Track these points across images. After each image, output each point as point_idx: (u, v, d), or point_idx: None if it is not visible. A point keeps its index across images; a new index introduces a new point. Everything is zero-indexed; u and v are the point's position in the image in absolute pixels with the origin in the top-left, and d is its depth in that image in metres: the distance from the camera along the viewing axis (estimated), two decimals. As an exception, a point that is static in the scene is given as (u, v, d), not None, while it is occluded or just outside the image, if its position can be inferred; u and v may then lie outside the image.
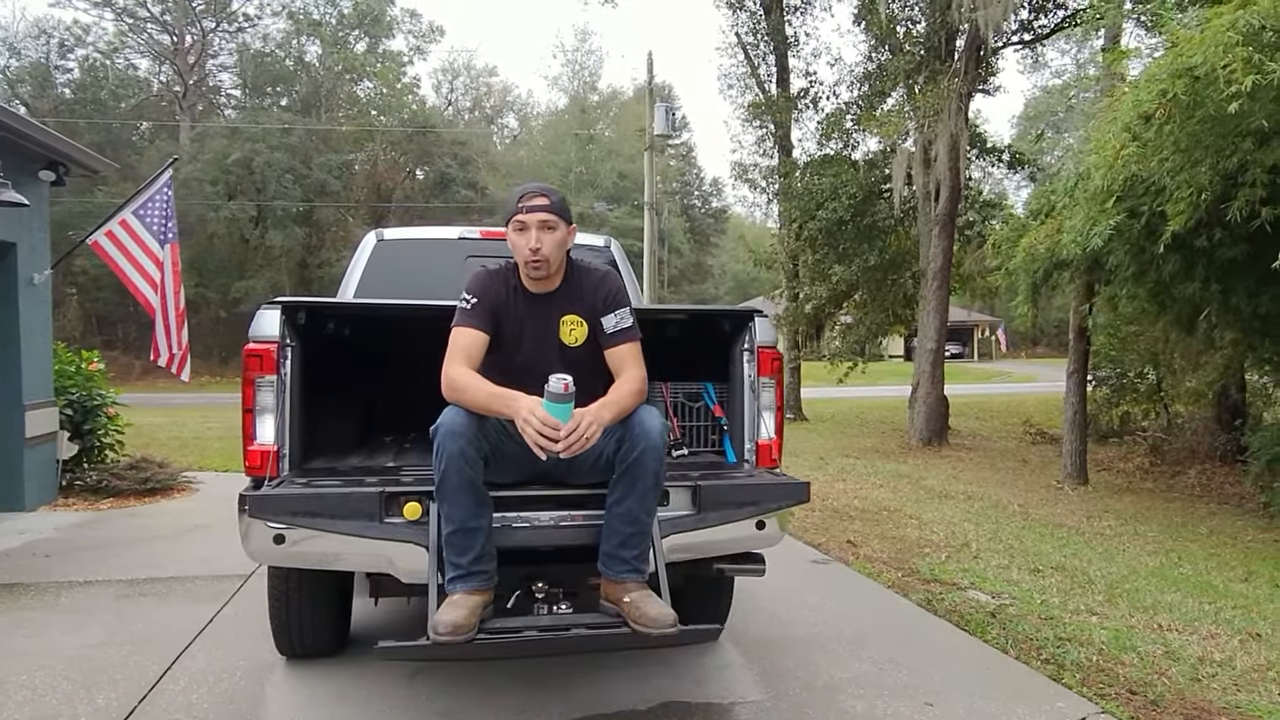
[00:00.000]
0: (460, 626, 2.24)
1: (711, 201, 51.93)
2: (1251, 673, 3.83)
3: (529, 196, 2.70)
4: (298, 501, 2.42)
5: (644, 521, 2.50)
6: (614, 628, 2.41)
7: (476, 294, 2.70)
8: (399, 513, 2.51)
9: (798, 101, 18.13)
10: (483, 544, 2.43)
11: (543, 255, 2.64)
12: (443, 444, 2.40)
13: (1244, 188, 6.39)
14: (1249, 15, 5.55)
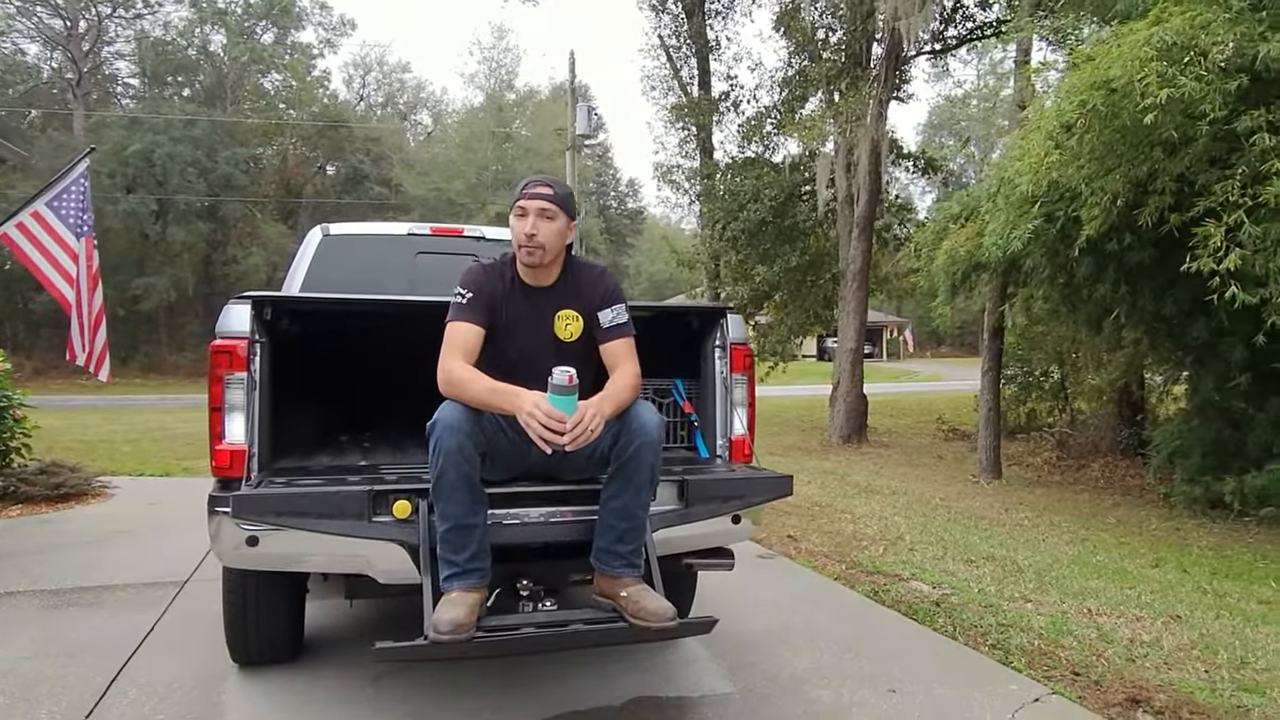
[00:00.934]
0: (461, 625, 2.21)
1: (628, 202, 52.18)
2: (1178, 652, 4.06)
3: (532, 185, 2.70)
4: (283, 501, 2.35)
5: (639, 517, 2.51)
6: (611, 622, 2.41)
7: (471, 288, 2.67)
8: (388, 511, 2.46)
9: (719, 104, 18.38)
10: (479, 541, 2.40)
11: (538, 242, 2.63)
12: (441, 440, 2.36)
13: (1154, 195, 6.78)
14: (1163, 32, 5.88)
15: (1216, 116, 6.00)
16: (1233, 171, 6.34)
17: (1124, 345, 10.22)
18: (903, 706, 3.17)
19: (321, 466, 3.01)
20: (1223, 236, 6.22)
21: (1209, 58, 5.94)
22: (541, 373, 2.44)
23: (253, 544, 2.53)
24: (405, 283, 4.52)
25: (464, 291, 2.66)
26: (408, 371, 4.08)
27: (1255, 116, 6.14)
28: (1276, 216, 6.15)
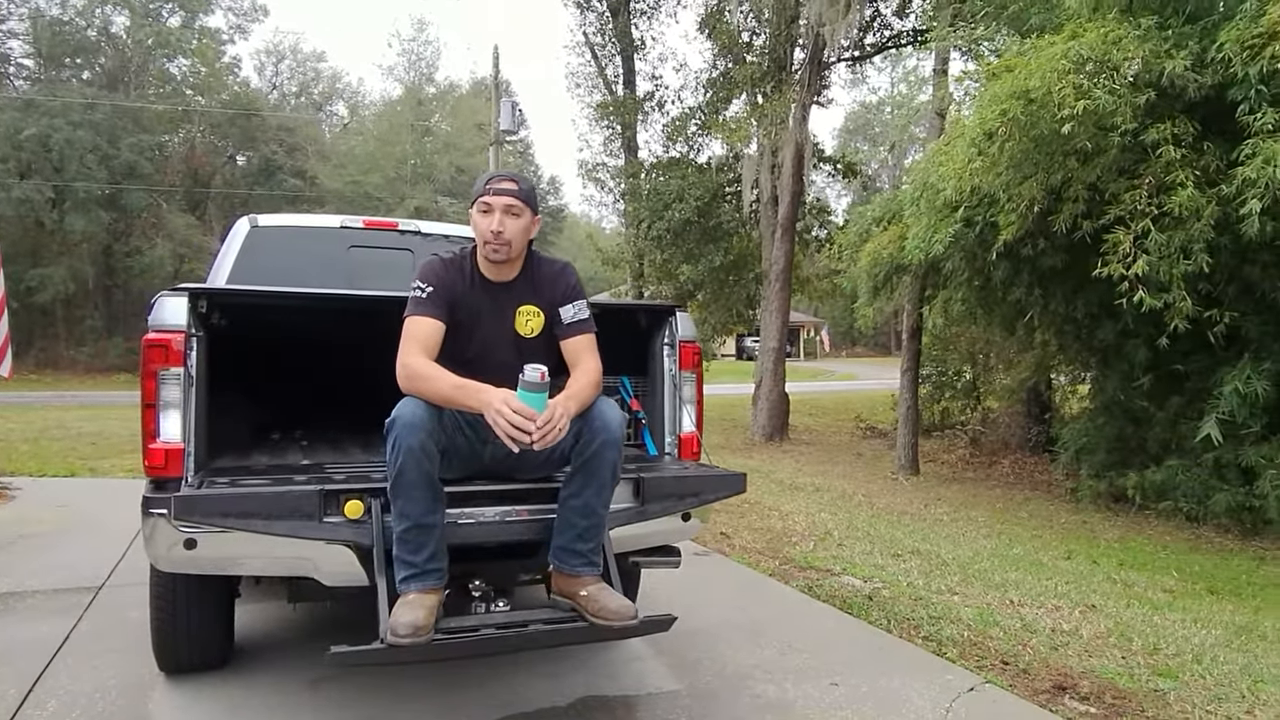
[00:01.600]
0: (421, 627, 2.16)
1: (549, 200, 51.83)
2: (1096, 640, 4.24)
3: (497, 180, 2.65)
4: (230, 502, 2.25)
5: (600, 514, 2.49)
6: (570, 622, 2.39)
7: (431, 282, 2.61)
8: (339, 512, 2.38)
9: (644, 104, 18.44)
10: (438, 541, 2.35)
11: (504, 239, 2.59)
12: (400, 437, 2.30)
13: (1067, 202, 7.07)
14: (1079, 46, 6.14)
15: (1127, 128, 6.30)
16: (1140, 181, 6.66)
17: (1035, 346, 10.64)
18: (846, 699, 3.24)
19: (262, 466, 2.90)
20: (1131, 243, 6.54)
21: (1120, 72, 6.24)
22: (500, 369, 2.40)
23: (190, 547, 2.43)
24: (338, 277, 4.40)
25: (423, 285, 2.60)
26: (344, 368, 3.98)
27: (1161, 129, 6.47)
28: (1179, 225, 6.49)
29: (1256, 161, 5.86)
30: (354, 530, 2.38)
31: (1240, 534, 7.86)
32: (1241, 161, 6.04)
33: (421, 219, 7.57)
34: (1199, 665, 3.97)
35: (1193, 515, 8.23)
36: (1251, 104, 6.24)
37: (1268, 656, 4.33)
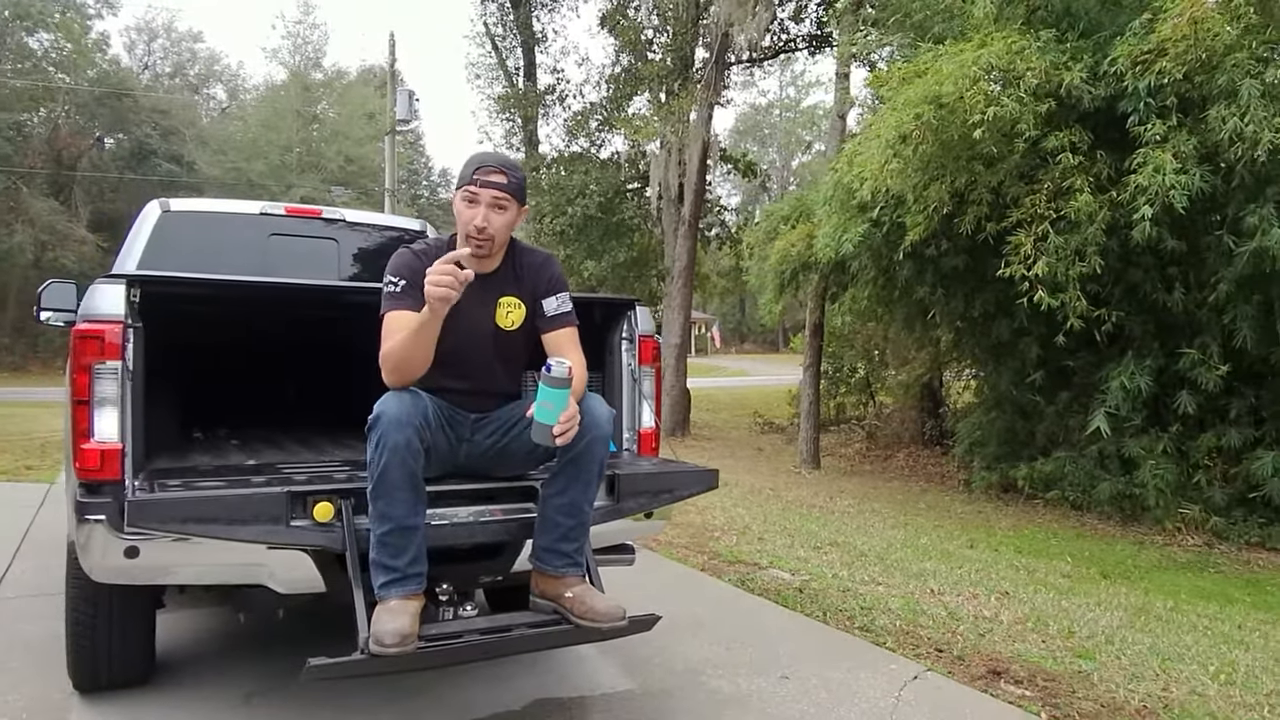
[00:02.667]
0: (407, 635, 2.05)
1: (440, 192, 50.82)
2: (1016, 625, 4.42)
3: (486, 170, 2.51)
4: (190, 506, 2.08)
5: (586, 513, 2.41)
6: (555, 624, 2.32)
7: (404, 275, 2.46)
8: (307, 515, 2.23)
9: (545, 97, 18.26)
10: (419, 544, 2.23)
11: (489, 234, 2.48)
12: (386, 434, 2.17)
13: (972, 205, 7.35)
14: (988, 54, 6.38)
15: (1030, 135, 6.59)
16: (1040, 186, 6.99)
17: (934, 343, 11.05)
18: (799, 691, 3.26)
19: (209, 467, 2.70)
20: (1032, 245, 6.85)
21: (1024, 82, 6.52)
22: (479, 361, 2.30)
23: (132, 555, 2.24)
24: (257, 266, 4.19)
25: (395, 279, 2.46)
26: (273, 362, 3.77)
27: (1060, 137, 6.81)
28: (1075, 229, 6.84)
29: (1148, 170, 6.22)
30: (324, 534, 2.24)
31: (1121, 520, 8.34)
32: (1134, 169, 6.41)
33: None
34: (1111, 646, 4.19)
35: (1078, 504, 8.70)
36: (1141, 115, 6.63)
37: (1167, 636, 4.61)
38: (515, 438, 2.41)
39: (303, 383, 4.29)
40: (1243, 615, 5.56)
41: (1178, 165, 6.16)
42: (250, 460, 2.88)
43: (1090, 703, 3.37)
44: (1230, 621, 5.27)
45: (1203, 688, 3.67)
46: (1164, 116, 6.51)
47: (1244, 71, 6.21)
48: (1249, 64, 6.23)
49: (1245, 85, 6.12)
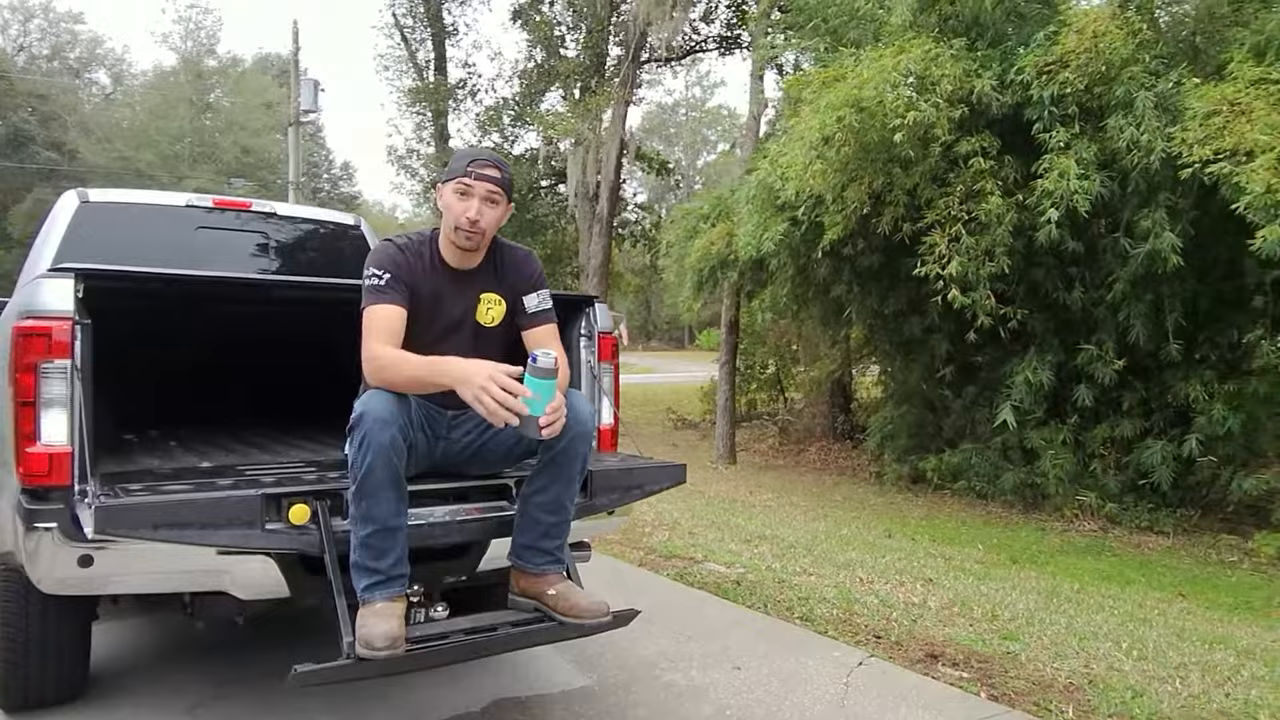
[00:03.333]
0: (397, 637, 2.01)
1: (341, 186, 49.47)
2: (944, 611, 4.60)
3: (481, 163, 2.48)
4: (161, 511, 1.98)
5: (568, 510, 2.41)
6: (538, 623, 2.31)
7: (387, 268, 2.40)
8: (282, 517, 2.16)
9: (456, 91, 18.01)
10: (402, 544, 2.19)
11: (481, 228, 2.45)
12: (370, 433, 2.11)
13: (889, 206, 7.60)
14: (907, 61, 6.61)
15: (945, 140, 6.86)
16: (952, 189, 7.28)
17: (847, 339, 11.37)
18: (753, 680, 3.33)
19: (167, 470, 2.58)
20: (945, 246, 7.13)
21: (939, 88, 6.77)
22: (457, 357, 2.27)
23: (86, 564, 2.13)
24: (184, 260, 4.02)
25: (379, 272, 2.40)
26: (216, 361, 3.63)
27: (972, 142, 7.10)
28: (985, 230, 7.15)
29: (1053, 175, 6.56)
30: (300, 538, 2.17)
31: (1023, 508, 8.76)
32: (1040, 174, 6.74)
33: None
34: (1032, 627, 4.41)
35: (983, 493, 9.09)
36: (1045, 123, 6.98)
37: (1079, 615, 4.87)
38: (494, 435, 2.39)
39: (241, 381, 4.13)
40: (1141, 595, 5.93)
41: (1080, 171, 6.51)
42: (204, 462, 2.77)
43: (1022, 681, 3.55)
44: (1131, 601, 5.61)
45: (1119, 663, 3.90)
46: (1067, 124, 6.87)
47: (1139, 84, 6.61)
48: (1143, 77, 6.64)
49: (1140, 96, 6.52)
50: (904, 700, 3.22)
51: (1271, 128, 5.58)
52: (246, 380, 4.14)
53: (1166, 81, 6.59)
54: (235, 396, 4.17)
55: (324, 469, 2.63)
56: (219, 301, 3.41)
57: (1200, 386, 7.41)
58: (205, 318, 3.61)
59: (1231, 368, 7.69)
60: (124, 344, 3.19)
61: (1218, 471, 7.67)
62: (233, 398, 4.15)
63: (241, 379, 4.12)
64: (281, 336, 3.62)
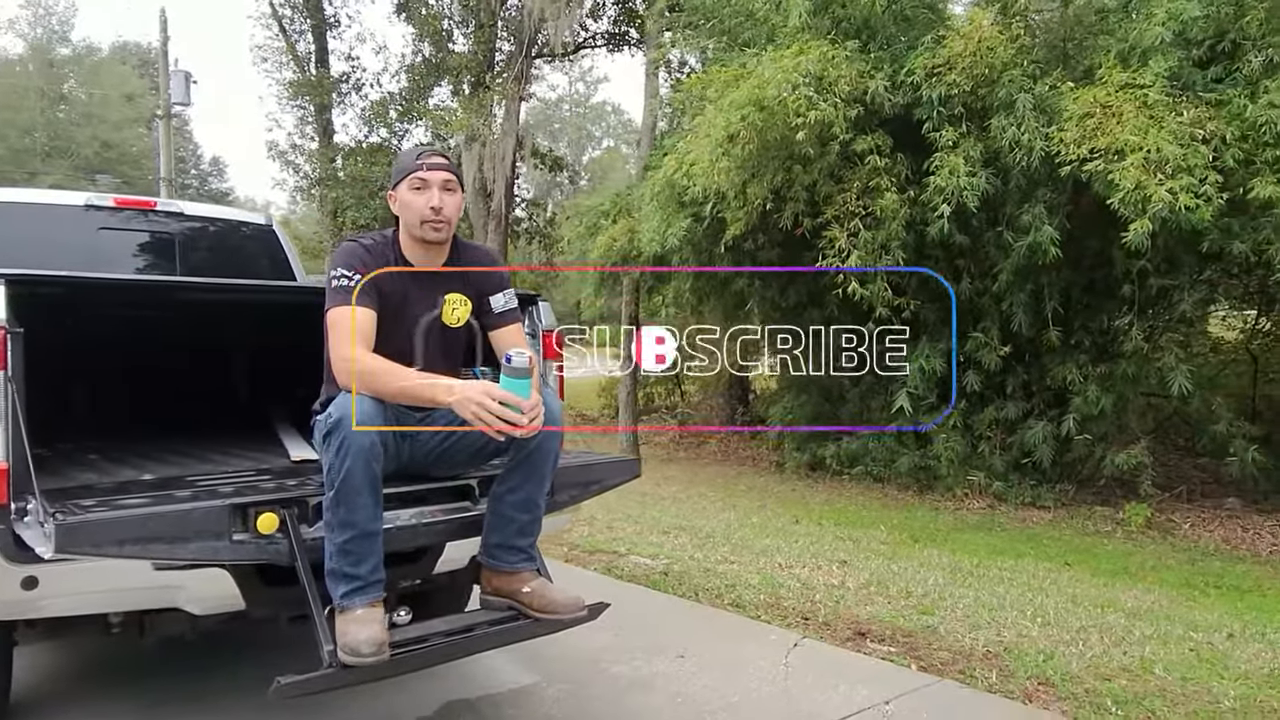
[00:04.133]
0: (382, 642, 1.99)
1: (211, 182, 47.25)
2: (862, 591, 4.81)
3: (429, 155, 2.49)
4: (127, 526, 1.89)
5: (540, 507, 2.42)
6: (513, 621, 2.31)
7: (355, 268, 2.35)
8: (249, 528, 2.09)
9: (340, 85, 17.48)
10: (379, 549, 2.16)
11: (445, 215, 2.44)
12: (351, 437, 2.06)
13: (789, 202, 7.82)
14: (806, 61, 6.83)
15: (844, 138, 7.11)
16: (849, 186, 7.56)
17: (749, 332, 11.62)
18: (698, 668, 3.42)
19: (110, 485, 2.45)
20: (845, 240, 7.40)
21: (837, 88, 7.02)
22: (425, 360, 2.26)
23: (30, 586, 2.02)
24: (86, 263, 3.82)
25: (346, 273, 2.35)
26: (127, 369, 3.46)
27: (867, 141, 7.39)
28: (880, 225, 7.46)
29: (944, 172, 6.89)
30: (268, 548, 2.11)
31: (918, 490, 9.18)
32: (932, 172, 7.07)
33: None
34: (945, 602, 4.66)
35: (879, 477, 9.48)
36: (935, 122, 7.33)
37: (984, 589, 5.17)
38: (462, 436, 2.38)
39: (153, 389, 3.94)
40: (1033, 566, 6.31)
41: (969, 169, 6.87)
42: (144, 475, 2.64)
43: (945, 652, 3.76)
44: (1025, 572, 5.97)
45: (1027, 630, 4.17)
46: (954, 124, 7.23)
47: (1019, 86, 7.02)
48: (1022, 80, 7.05)
49: (1020, 98, 6.92)
50: (842, 677, 3.37)
51: (1140, 129, 6.02)
52: (139, 387, 3.95)
53: (1043, 85, 7.02)
54: (128, 405, 3.96)
55: (278, 476, 2.56)
56: (131, 307, 3.25)
57: (1076, 370, 7.92)
58: (110, 324, 3.44)
59: (1102, 351, 8.25)
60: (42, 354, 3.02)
61: (1092, 449, 8.22)
62: (127, 407, 3.95)
63: (136, 386, 3.93)
64: (184, 341, 3.50)
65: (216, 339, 3.52)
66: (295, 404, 3.89)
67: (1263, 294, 9.54)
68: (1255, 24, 6.77)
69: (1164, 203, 5.80)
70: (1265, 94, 6.46)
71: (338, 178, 16.07)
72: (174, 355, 3.65)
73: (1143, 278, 7.53)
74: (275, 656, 3.52)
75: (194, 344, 3.51)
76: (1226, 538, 7.83)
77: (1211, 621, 4.98)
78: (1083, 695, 3.32)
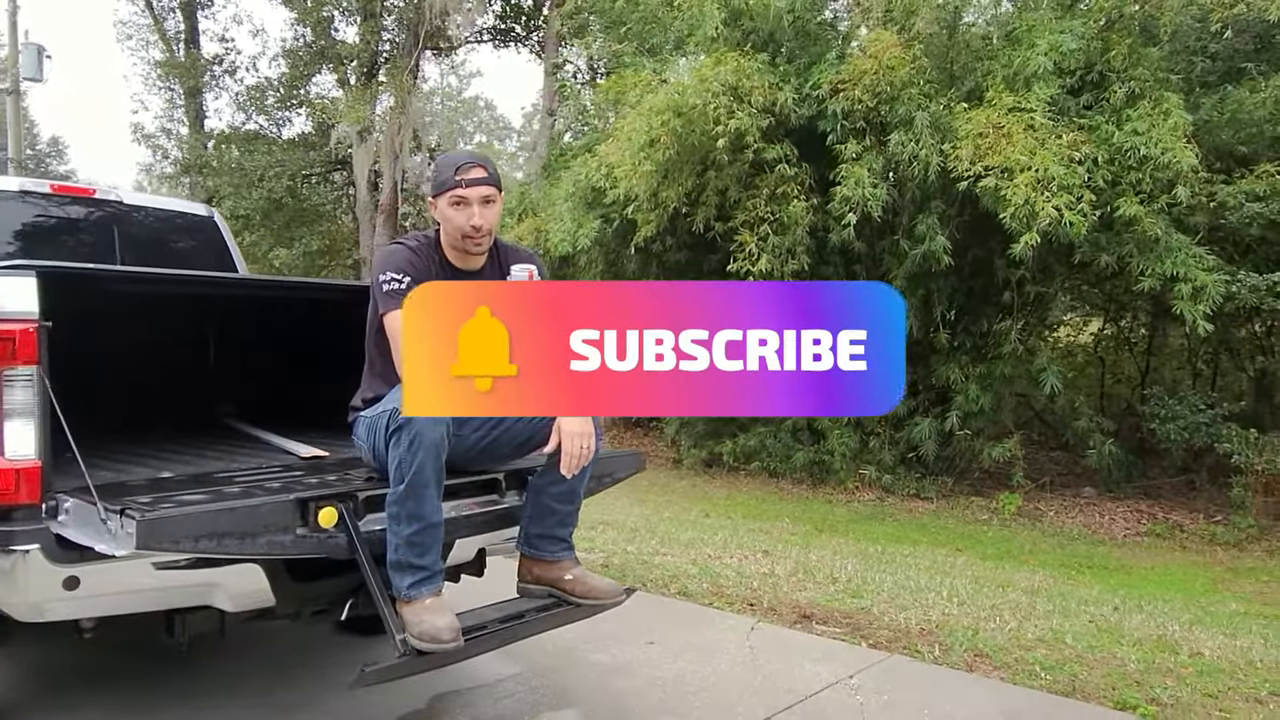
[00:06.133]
0: (458, 629, 2.06)
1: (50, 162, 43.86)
2: (793, 578, 5.09)
3: (467, 168, 2.46)
4: (202, 522, 1.88)
5: (580, 497, 2.53)
6: (556, 607, 2.41)
7: (408, 272, 2.37)
8: (311, 522, 2.10)
9: (212, 67, 16.67)
10: (441, 540, 2.21)
11: (484, 232, 2.47)
12: (423, 432, 2.10)
13: (701, 206, 8.09)
14: (724, 71, 7.10)
15: (756, 147, 7.43)
16: (759, 192, 7.89)
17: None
18: (668, 653, 3.58)
19: (142, 482, 2.38)
20: (755, 244, 7.72)
21: (751, 99, 7.33)
22: None
23: (72, 586, 1.98)
24: (18, 251, 3.64)
25: (398, 276, 2.36)
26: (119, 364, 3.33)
27: (777, 149, 7.73)
28: (786, 230, 7.83)
29: (850, 182, 7.31)
30: (328, 541, 2.13)
31: (811, 484, 9.64)
32: (837, 181, 7.48)
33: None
34: (869, 586, 4.99)
35: (775, 471, 9.89)
36: (838, 135, 7.75)
37: (898, 573, 5.55)
38: (505, 430, 2.44)
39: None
40: (929, 552, 6.79)
41: (872, 180, 7.30)
42: (162, 473, 2.56)
43: (885, 631, 4.05)
44: (926, 558, 6.43)
45: (948, 609, 4.53)
46: (857, 137, 7.66)
47: (916, 105, 7.52)
48: (920, 99, 7.55)
49: (918, 116, 7.41)
50: (805, 656, 3.60)
51: (1028, 150, 6.59)
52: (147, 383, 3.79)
53: (938, 104, 7.54)
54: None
55: (319, 471, 2.58)
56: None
57: (958, 370, 8.54)
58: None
59: (981, 353, 8.91)
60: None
61: (971, 443, 8.87)
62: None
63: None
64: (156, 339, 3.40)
65: (182, 333, 3.43)
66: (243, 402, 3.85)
67: (1112, 302, 10.51)
68: (1119, 58, 7.50)
69: (1051, 218, 6.36)
70: (1129, 121, 7.17)
71: (212, 165, 15.33)
72: (138, 354, 3.51)
73: (1020, 285, 8.20)
74: (258, 654, 3.48)
75: (160, 342, 3.40)
76: (1086, 523, 8.64)
77: (1094, 597, 5.54)
78: (1014, 664, 3.67)
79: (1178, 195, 6.85)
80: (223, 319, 3.53)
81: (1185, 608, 5.43)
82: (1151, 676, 3.64)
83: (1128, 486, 9.25)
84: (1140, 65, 7.55)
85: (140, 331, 3.30)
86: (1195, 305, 6.86)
